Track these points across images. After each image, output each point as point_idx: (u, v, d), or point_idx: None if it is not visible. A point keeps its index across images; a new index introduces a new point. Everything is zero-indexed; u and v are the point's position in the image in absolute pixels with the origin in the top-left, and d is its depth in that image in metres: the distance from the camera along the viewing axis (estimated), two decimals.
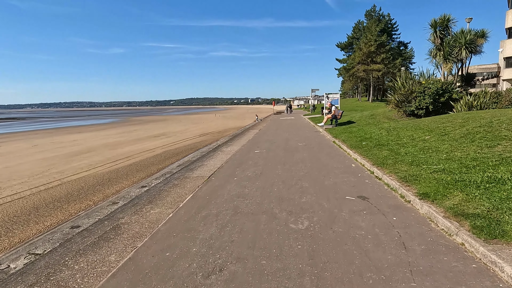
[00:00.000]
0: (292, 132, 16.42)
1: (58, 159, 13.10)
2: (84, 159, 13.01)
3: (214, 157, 9.67)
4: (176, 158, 11.98)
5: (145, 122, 46.34)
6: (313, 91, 36.45)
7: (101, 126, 40.03)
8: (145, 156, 13.02)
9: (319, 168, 7.14)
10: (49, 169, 10.92)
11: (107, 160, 12.33)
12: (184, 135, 22.73)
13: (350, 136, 11.69)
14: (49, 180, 9.09)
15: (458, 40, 16.96)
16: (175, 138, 20.64)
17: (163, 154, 13.26)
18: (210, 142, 16.67)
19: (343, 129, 14.73)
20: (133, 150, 15.11)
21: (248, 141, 13.36)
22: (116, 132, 28.76)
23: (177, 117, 64.03)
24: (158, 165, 10.59)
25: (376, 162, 6.71)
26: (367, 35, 51.57)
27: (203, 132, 25.15)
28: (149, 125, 38.32)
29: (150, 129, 30.76)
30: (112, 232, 3.92)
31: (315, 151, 9.83)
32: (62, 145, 18.58)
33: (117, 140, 21.09)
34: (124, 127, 36.83)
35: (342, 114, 17.77)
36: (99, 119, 66.04)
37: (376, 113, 19.26)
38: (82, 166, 11.25)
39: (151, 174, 9.14)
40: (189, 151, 13.83)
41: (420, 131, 9.45)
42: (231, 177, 6.69)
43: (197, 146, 15.49)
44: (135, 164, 11.07)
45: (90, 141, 20.55)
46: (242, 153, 10.05)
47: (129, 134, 25.64)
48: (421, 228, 3.59)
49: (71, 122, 53.31)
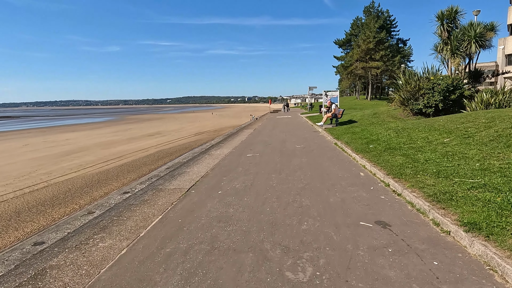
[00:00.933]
0: (289, 132, 15.15)
1: (48, 159, 12.51)
2: (75, 159, 12.44)
3: (200, 161, 8.49)
4: (170, 158, 11.33)
5: (140, 121, 45.34)
6: (311, 88, 34.87)
7: (95, 125, 39.07)
8: (138, 156, 12.40)
9: (321, 178, 5.96)
10: (37, 169, 10.38)
11: (99, 160, 11.75)
12: (179, 134, 21.71)
13: (354, 137, 10.48)
14: (36, 181, 8.62)
15: (467, 33, 15.71)
16: (170, 137, 19.69)
17: (156, 154, 12.61)
18: (205, 141, 15.91)
19: (344, 129, 13.33)
20: (126, 150, 14.50)
21: (241, 142, 12.16)
22: (110, 130, 27.85)
23: (173, 116, 63.02)
24: (150, 166, 10.04)
25: (391, 171, 5.52)
26: (366, 32, 49.68)
27: (198, 131, 24.07)
28: (144, 124, 37.31)
29: (145, 128, 29.82)
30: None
31: (315, 155, 8.67)
32: (54, 145, 17.84)
33: (111, 139, 20.22)
34: (119, 125, 35.86)
35: (343, 113, 16.42)
36: (95, 117, 65.08)
37: (379, 111, 17.74)
38: (72, 166, 10.72)
39: (142, 175, 8.66)
40: (183, 150, 13.19)
41: (436, 133, 8.24)
42: (214, 190, 5.50)
43: (192, 145, 14.77)
44: (127, 165, 10.50)
45: (83, 140, 19.80)
46: (232, 157, 8.87)
47: (124, 133, 24.69)
48: (483, 285, 2.42)
49: (66, 121, 52.45)
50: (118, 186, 7.48)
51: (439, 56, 17.57)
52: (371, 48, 48.07)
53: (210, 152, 10.16)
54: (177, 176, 6.78)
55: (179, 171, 7.27)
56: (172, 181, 6.35)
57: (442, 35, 16.64)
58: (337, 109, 15.98)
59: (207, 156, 9.31)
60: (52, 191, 7.40)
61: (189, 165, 7.99)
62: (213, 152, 10.01)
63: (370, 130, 11.47)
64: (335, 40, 61.03)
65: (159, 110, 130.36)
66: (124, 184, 7.65)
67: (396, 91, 18.31)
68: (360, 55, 49.17)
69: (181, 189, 5.67)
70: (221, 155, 9.32)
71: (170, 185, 6.06)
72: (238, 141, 12.80)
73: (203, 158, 8.97)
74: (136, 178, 8.19)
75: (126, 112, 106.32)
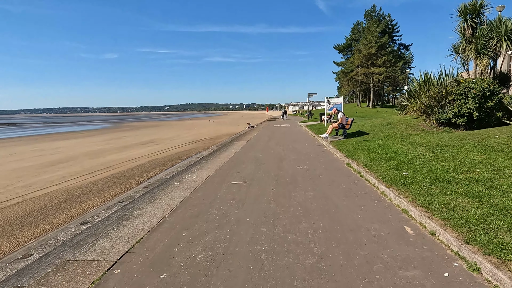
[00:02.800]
0: (287, 146, 12.91)
1: (31, 170, 11.78)
2: (59, 169, 11.73)
3: (164, 194, 6.23)
4: (160, 169, 10.66)
5: (136, 128, 44.60)
6: (311, 95, 33.22)
7: (90, 132, 38.42)
8: (127, 167, 11.72)
9: (344, 240, 3.62)
10: (16, 182, 9.70)
11: (84, 171, 11.06)
12: (174, 142, 21.18)
13: (373, 156, 8.01)
14: (10, 196, 7.93)
15: (496, 29, 13.51)
16: (163, 146, 19.16)
17: (146, 164, 11.92)
18: (199, 149, 15.30)
19: (356, 143, 10.81)
20: (116, 159, 13.82)
21: (228, 160, 9.99)
22: (103, 138, 27.25)
23: (170, 123, 62.07)
24: (138, 177, 9.41)
25: (475, 238, 3.16)
26: (367, 36, 48.20)
27: (194, 139, 23.57)
28: (139, 131, 36.70)
29: (139, 136, 29.19)
30: None
31: (324, 184, 6.33)
32: (42, 154, 17.10)
33: (102, 147, 19.60)
34: (113, 133, 35.23)
35: (352, 123, 13.85)
36: (91, 125, 64.26)
37: (393, 121, 14.74)
38: (54, 178, 10.02)
39: (129, 188, 8.07)
40: (176, 160, 12.54)
41: (501, 155, 5.91)
42: (155, 269, 3.16)
43: (185, 154, 14.13)
44: (114, 176, 9.83)
45: (73, 149, 19.07)
46: (209, 187, 6.54)
47: (117, 141, 24.08)
48: None
49: (61, 128, 51.72)
50: (100, 202, 6.82)
51: (457, 58, 15.24)
52: (373, 53, 46.80)
53: (184, 176, 7.79)
54: (119, 225, 4.50)
55: (130, 211, 5.16)
56: (99, 242, 3.98)
57: (466, 32, 14.41)
58: (345, 118, 13.54)
59: (177, 184, 6.96)
60: (26, 208, 6.79)
61: (146, 201, 5.75)
62: (187, 177, 7.64)
63: (391, 146, 9.02)
64: (335, 45, 59.54)
65: (157, 117, 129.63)
66: (106, 199, 6.96)
67: (409, 97, 16.38)
68: (362, 61, 47.89)
69: (99, 264, 3.36)
70: (196, 182, 7.08)
71: (83, 256, 3.61)
72: (225, 157, 10.69)
73: (170, 187, 6.70)
74: (121, 192, 7.58)
75: (123, 119, 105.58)
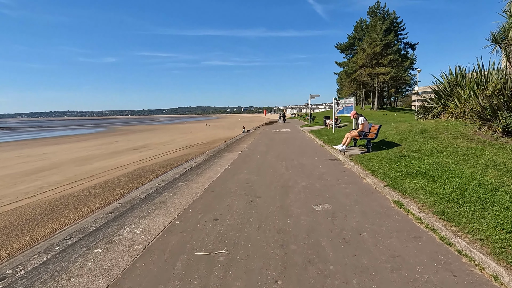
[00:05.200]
0: (292, 162, 9.36)
1: (7, 179, 11.06)
2: (39, 179, 10.97)
3: None
4: (149, 177, 9.93)
5: (131, 132, 44.01)
6: (312, 97, 30.27)
7: (83, 137, 37.70)
8: (113, 175, 11.04)
9: None
10: None
11: (66, 181, 10.32)
12: (167, 148, 20.46)
13: (437, 189, 4.85)
14: None
15: None
16: (156, 151, 18.45)
17: (134, 172, 11.24)
18: (193, 155, 14.69)
19: (390, 160, 7.47)
20: (102, 167, 13.20)
21: (206, 189, 6.61)
22: (95, 143, 26.54)
23: (166, 127, 61.75)
24: (123, 188, 8.65)
25: None
26: (372, 34, 44.74)
27: (189, 143, 22.83)
28: (134, 135, 35.98)
29: (133, 140, 28.52)
30: None
31: (380, 265, 3.13)
32: (26, 160, 16.49)
33: (92, 153, 18.93)
34: (107, 137, 34.53)
35: (378, 131, 9.64)
36: (86, 128, 63.71)
37: (425, 127, 11.00)
38: (30, 189, 9.22)
39: (111, 201, 7.28)
40: (167, 167, 11.83)
41: None
42: None
43: (178, 160, 13.49)
44: (97, 187, 9.08)
45: (61, 155, 18.48)
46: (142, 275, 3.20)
47: (108, 146, 23.39)
48: None
49: (55, 132, 51.13)
50: (74, 219, 6.12)
51: (497, 49, 11.16)
52: (378, 52, 43.24)
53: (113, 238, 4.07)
54: None
55: None
56: None
57: None
58: (367, 124, 9.75)
59: None
60: None
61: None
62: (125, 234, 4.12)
63: (455, 169, 5.81)
64: (337, 44, 55.56)
65: (154, 120, 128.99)
66: (82, 215, 6.30)
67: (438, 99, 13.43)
68: (366, 60, 44.67)
69: None
70: (130, 251, 3.72)
71: None
72: (205, 181, 7.36)
73: None
74: (101, 206, 6.87)
75: (120, 123, 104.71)
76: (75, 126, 78.73)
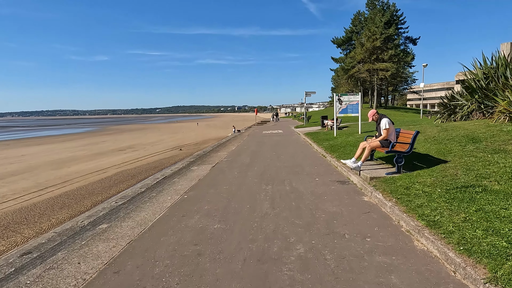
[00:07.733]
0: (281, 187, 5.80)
1: None
2: (4, 185, 10.05)
3: None
4: (128, 183, 8.99)
5: (120, 132, 43.00)
6: (308, 94, 27.72)
7: (70, 136, 36.59)
8: (89, 180, 10.22)
9: None
10: None
11: (35, 187, 9.46)
12: (154, 148, 19.59)
13: None
14: None
15: None
16: (142, 152, 17.60)
17: (113, 177, 10.44)
18: (180, 157, 13.79)
19: (446, 192, 4.01)
20: (81, 170, 12.35)
21: (96, 276, 2.81)
22: (81, 144, 25.54)
23: (157, 126, 60.74)
24: (97, 196, 7.79)
25: None
26: (371, 28, 41.40)
27: (177, 144, 21.96)
28: (122, 135, 34.97)
29: (120, 140, 27.56)
30: None
31: None
32: (1, 163, 15.36)
33: (74, 154, 18.00)
34: (94, 137, 33.51)
35: (414, 140, 5.58)
36: (75, 128, 62.38)
37: (473, 133, 6.97)
38: None
39: (79, 212, 6.44)
40: (151, 170, 11.02)
41: None
42: None
43: (164, 163, 12.67)
44: (67, 194, 8.20)
45: (40, 157, 17.47)
46: None
47: (93, 147, 22.44)
48: None
49: (43, 132, 49.77)
50: (28, 236, 5.27)
51: None
52: (378, 46, 40.29)
53: None
54: None
55: None
56: None
57: None
58: (393, 129, 6.21)
59: None
60: None
61: None
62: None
63: None
64: (333, 39, 51.83)
65: (146, 119, 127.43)
66: (41, 231, 5.44)
67: (470, 94, 9.75)
68: (364, 55, 41.66)
69: None
70: None
71: None
72: (135, 233, 3.80)
73: None
74: (65, 219, 6.01)
75: (111, 122, 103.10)
76: (65, 125, 77.18)
